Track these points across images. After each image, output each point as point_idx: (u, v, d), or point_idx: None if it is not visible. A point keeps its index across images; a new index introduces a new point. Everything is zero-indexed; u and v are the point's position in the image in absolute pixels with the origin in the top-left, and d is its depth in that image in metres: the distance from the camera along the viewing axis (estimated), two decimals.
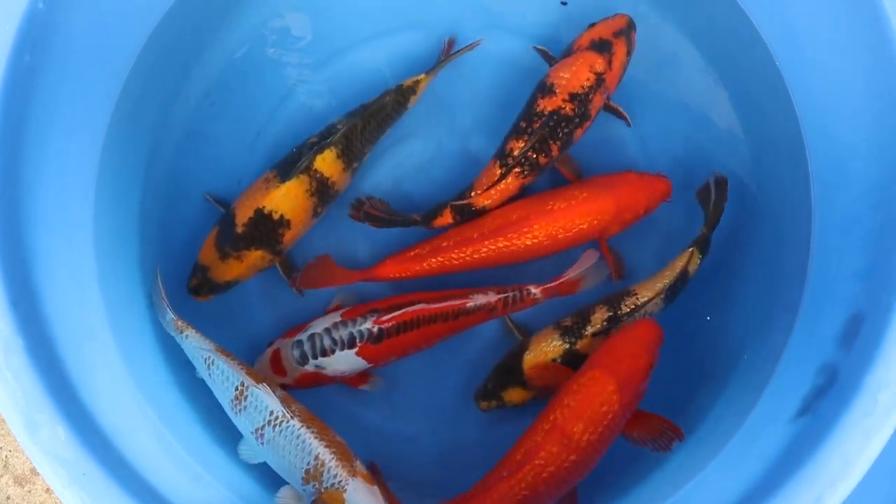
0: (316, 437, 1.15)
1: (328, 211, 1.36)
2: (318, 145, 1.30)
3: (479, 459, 1.25)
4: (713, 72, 1.41)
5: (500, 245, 1.30)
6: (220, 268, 1.30)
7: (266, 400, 1.16)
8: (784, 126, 1.28)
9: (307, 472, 1.15)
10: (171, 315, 1.23)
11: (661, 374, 1.32)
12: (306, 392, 1.31)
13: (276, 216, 1.29)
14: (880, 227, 1.12)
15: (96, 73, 1.21)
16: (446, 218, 1.34)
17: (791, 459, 1.05)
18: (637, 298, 1.31)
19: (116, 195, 1.26)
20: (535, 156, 1.31)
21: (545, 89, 1.32)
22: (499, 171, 1.32)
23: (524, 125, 1.32)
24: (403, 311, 1.28)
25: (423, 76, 1.38)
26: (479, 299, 1.29)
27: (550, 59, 1.39)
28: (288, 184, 1.28)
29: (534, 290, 1.31)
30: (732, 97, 1.40)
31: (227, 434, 1.23)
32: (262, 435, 1.17)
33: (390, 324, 1.27)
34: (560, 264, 1.33)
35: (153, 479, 1.09)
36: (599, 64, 1.32)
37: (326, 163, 1.30)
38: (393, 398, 1.39)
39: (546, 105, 1.31)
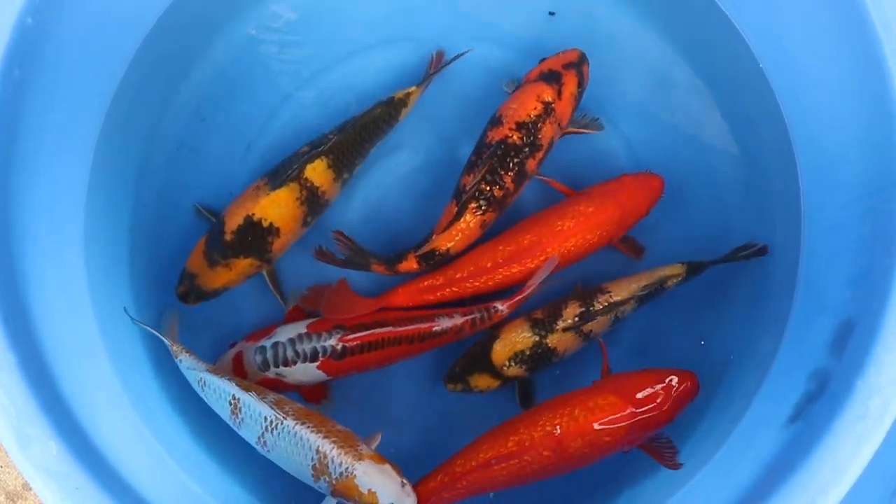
0: (312, 432, 1.14)
1: (323, 223, 1.37)
2: (309, 154, 1.30)
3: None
4: (701, 81, 1.41)
5: (514, 270, 1.30)
6: (208, 275, 1.30)
7: (257, 407, 1.16)
8: (773, 134, 1.29)
9: (314, 467, 1.14)
10: (166, 341, 1.23)
11: None
12: None
13: (265, 224, 1.28)
14: (869, 234, 1.12)
15: (85, 87, 1.21)
16: (411, 263, 1.32)
17: (783, 465, 1.05)
18: (610, 296, 1.31)
19: (107, 209, 1.27)
20: (488, 188, 1.29)
21: (494, 121, 1.32)
22: (455, 209, 1.30)
23: (475, 158, 1.31)
24: (370, 332, 1.27)
25: (413, 88, 1.38)
26: (445, 323, 1.28)
27: None
28: (278, 192, 1.28)
29: (500, 306, 1.30)
30: (721, 106, 1.40)
31: (218, 446, 1.23)
32: (265, 443, 1.16)
33: (355, 343, 1.26)
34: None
35: (145, 492, 1.09)
36: (547, 94, 1.32)
37: (317, 172, 1.30)
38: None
39: (494, 135, 1.31)
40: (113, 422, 1.12)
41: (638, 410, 1.17)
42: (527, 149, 1.30)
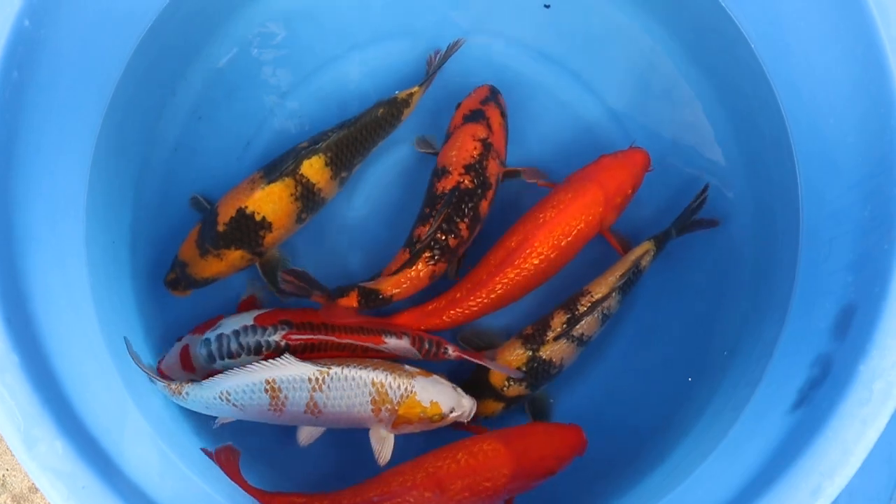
0: (360, 368, 1.16)
1: (322, 221, 1.37)
2: (307, 150, 1.29)
3: None
4: (697, 70, 1.42)
5: (512, 276, 1.28)
6: (199, 264, 1.30)
7: (296, 372, 1.15)
8: (769, 121, 1.29)
9: (373, 401, 1.15)
10: (161, 384, 1.21)
11: (655, 371, 1.33)
12: None
13: (257, 217, 1.28)
14: (869, 218, 1.12)
15: (83, 88, 1.21)
16: (352, 300, 1.26)
17: (788, 451, 1.05)
18: (591, 296, 1.30)
19: (107, 209, 1.27)
20: (444, 237, 1.27)
21: (439, 173, 1.31)
22: (406, 257, 1.28)
23: (428, 210, 1.30)
24: (314, 334, 1.25)
25: (416, 88, 1.37)
26: (392, 343, 1.26)
27: (432, 150, 1.39)
28: (272, 186, 1.28)
29: (451, 351, 1.28)
30: (717, 94, 1.41)
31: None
32: (314, 406, 1.16)
33: (297, 342, 1.24)
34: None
35: (152, 491, 1.09)
36: (480, 131, 1.32)
37: (314, 169, 1.29)
38: None
39: (444, 185, 1.30)
40: (118, 421, 1.12)
41: (521, 460, 1.15)
42: (479, 190, 1.29)
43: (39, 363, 1.05)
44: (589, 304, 1.30)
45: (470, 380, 1.34)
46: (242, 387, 1.18)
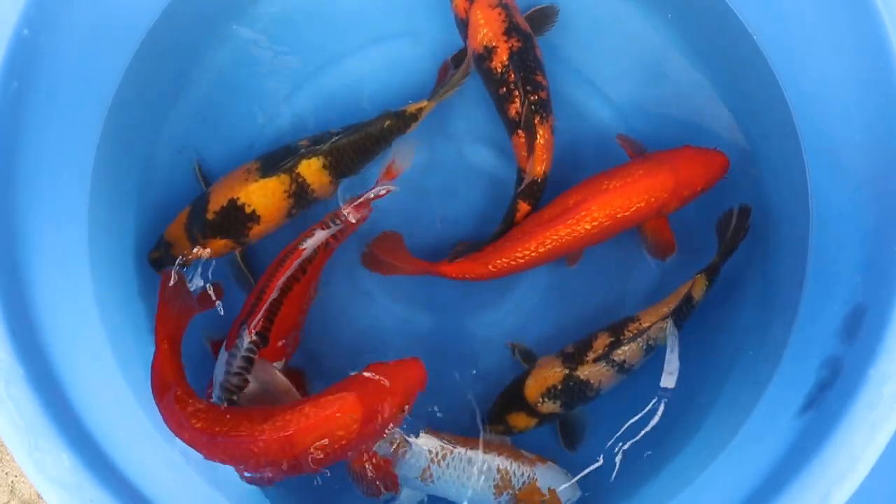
0: (486, 453, 1.22)
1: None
2: (307, 150, 1.29)
3: None
4: (703, 68, 1.40)
5: (562, 233, 1.27)
6: (184, 247, 1.30)
7: (420, 441, 1.22)
8: (778, 122, 1.28)
9: (496, 486, 1.21)
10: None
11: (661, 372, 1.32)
12: None
13: (248, 209, 1.28)
14: (878, 219, 1.12)
15: (84, 95, 1.20)
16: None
17: (797, 455, 1.05)
18: (640, 324, 1.29)
19: (110, 216, 1.27)
20: (535, 96, 1.30)
21: (486, 56, 1.32)
22: (524, 136, 1.30)
23: (503, 91, 1.32)
24: (260, 303, 1.23)
25: (425, 102, 1.35)
26: (309, 243, 1.25)
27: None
28: (267, 180, 1.28)
29: (348, 212, 1.28)
30: (723, 94, 1.39)
31: None
32: (430, 475, 1.21)
33: (261, 322, 1.22)
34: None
35: (160, 502, 1.09)
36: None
37: (311, 170, 1.29)
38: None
39: (498, 61, 1.31)
40: (125, 432, 1.12)
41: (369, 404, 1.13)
42: (528, 43, 1.32)
43: (45, 375, 1.05)
44: (635, 332, 1.29)
45: (505, 393, 1.34)
46: None
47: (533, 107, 1.30)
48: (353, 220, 1.28)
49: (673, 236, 1.34)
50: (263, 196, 1.28)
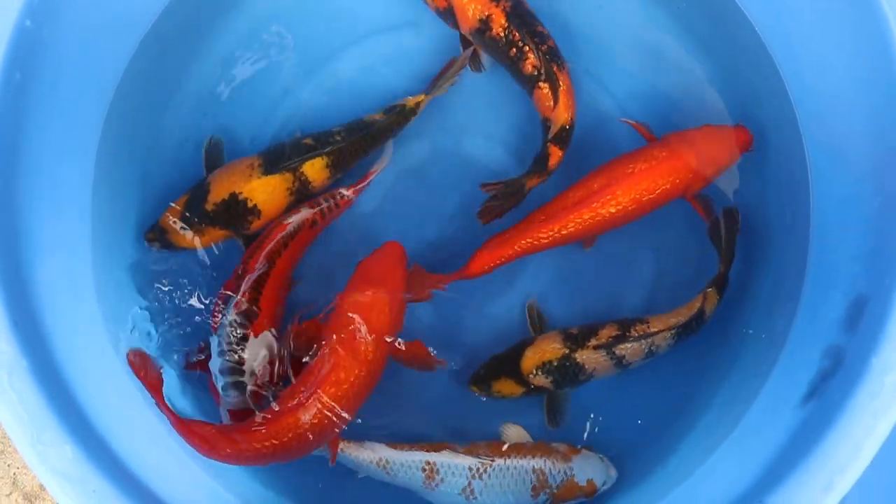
0: (521, 458, 1.24)
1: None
2: (312, 153, 1.30)
3: None
4: (704, 59, 1.40)
5: (586, 217, 1.28)
6: (179, 234, 1.31)
7: (457, 462, 1.24)
8: (779, 113, 1.28)
9: (533, 488, 1.23)
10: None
11: (665, 363, 1.32)
12: None
13: (249, 204, 1.29)
14: (880, 210, 1.11)
15: (86, 87, 1.20)
16: (555, 156, 1.31)
17: (799, 444, 1.05)
18: (648, 327, 1.29)
19: (112, 207, 1.27)
20: (545, 45, 1.30)
21: (482, 28, 1.31)
22: (547, 86, 1.30)
23: (513, 53, 1.30)
24: (247, 280, 1.25)
25: (423, 96, 1.36)
26: (296, 220, 1.29)
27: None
28: (270, 177, 1.29)
29: (345, 192, 1.33)
30: (725, 84, 1.39)
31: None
32: (471, 491, 1.23)
33: (247, 298, 1.24)
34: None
35: (164, 495, 1.09)
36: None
37: (315, 169, 1.30)
38: (395, 392, 1.37)
39: (498, 25, 1.29)
40: (128, 424, 1.12)
41: None
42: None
43: (48, 367, 1.05)
44: (641, 333, 1.29)
45: (499, 357, 1.34)
46: (401, 461, 1.25)
47: (547, 56, 1.29)
48: (350, 198, 1.32)
49: (704, 204, 1.34)
50: (266, 193, 1.29)
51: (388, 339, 1.21)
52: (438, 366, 1.27)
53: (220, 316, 1.25)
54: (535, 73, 1.30)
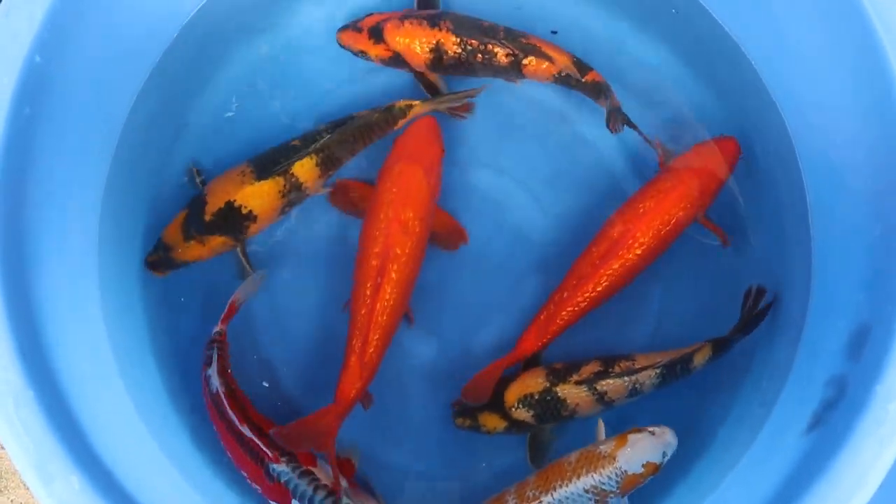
0: (569, 483, 1.17)
1: (327, 223, 1.41)
2: (300, 152, 1.33)
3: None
4: (698, 83, 1.42)
5: (616, 267, 1.30)
6: (182, 248, 1.33)
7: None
8: (776, 142, 1.30)
9: (597, 501, 1.18)
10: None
11: (670, 392, 1.32)
12: None
13: (244, 210, 1.32)
14: (881, 236, 1.12)
15: (95, 120, 1.22)
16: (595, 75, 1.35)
17: (805, 474, 1.05)
18: (632, 364, 1.29)
19: (120, 237, 1.28)
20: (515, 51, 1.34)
21: (437, 59, 1.35)
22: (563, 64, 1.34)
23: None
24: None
25: (417, 102, 1.38)
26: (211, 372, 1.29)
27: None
28: (262, 183, 1.31)
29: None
30: (722, 114, 1.40)
31: (238, 476, 1.23)
32: None
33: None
34: None
35: None
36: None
37: (304, 169, 1.33)
38: (382, 424, 1.38)
39: (452, 49, 1.34)
40: (134, 455, 1.12)
41: None
42: (448, 14, 1.36)
43: (55, 398, 1.05)
44: (624, 370, 1.28)
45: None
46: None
47: (508, 38, 1.33)
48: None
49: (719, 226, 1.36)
50: (259, 198, 1.32)
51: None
52: (462, 243, 1.37)
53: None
54: (512, 56, 1.34)
